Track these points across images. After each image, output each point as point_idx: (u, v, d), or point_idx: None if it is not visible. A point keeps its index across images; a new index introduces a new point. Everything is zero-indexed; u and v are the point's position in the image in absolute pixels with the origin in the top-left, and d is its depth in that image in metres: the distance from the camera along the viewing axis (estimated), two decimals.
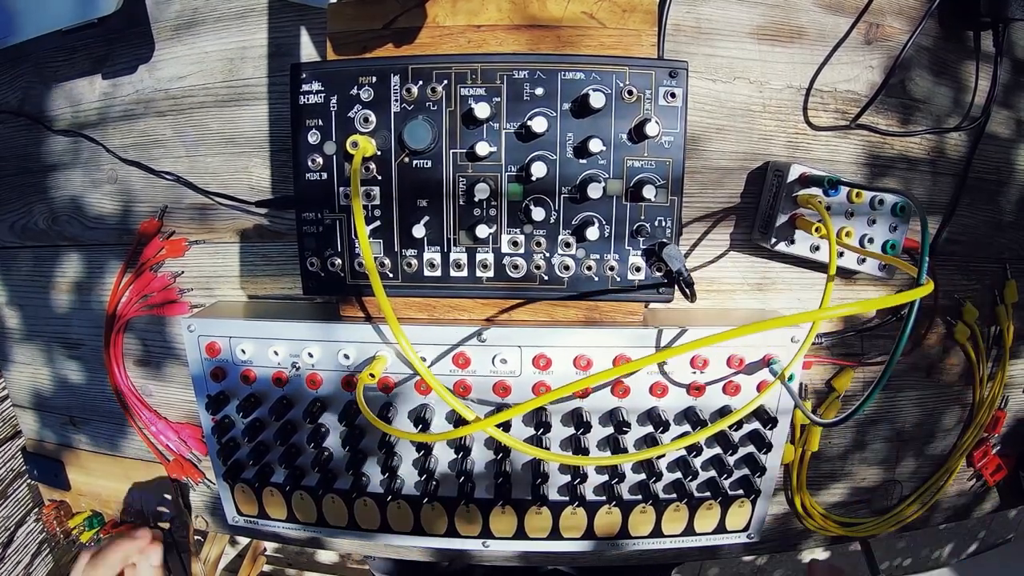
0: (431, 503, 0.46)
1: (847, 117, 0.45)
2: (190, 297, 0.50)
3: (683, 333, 0.41)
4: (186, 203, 0.49)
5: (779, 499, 0.51)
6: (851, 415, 0.33)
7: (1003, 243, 0.49)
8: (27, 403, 0.58)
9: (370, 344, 0.42)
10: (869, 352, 0.48)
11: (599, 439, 0.44)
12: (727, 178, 0.45)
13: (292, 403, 0.44)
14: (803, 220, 0.41)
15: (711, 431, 0.39)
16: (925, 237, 0.30)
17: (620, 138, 0.38)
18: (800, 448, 0.49)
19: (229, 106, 0.47)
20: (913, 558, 1.36)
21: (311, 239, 0.41)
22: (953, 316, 0.49)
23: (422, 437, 0.41)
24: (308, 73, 0.39)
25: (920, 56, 0.45)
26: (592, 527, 0.47)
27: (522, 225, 0.40)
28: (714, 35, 0.43)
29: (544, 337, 0.41)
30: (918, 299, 0.29)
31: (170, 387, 0.52)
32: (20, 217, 0.53)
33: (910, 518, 0.52)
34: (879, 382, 0.30)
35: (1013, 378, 0.51)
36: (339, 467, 0.45)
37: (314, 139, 0.39)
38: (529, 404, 0.35)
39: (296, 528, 0.49)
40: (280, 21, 0.45)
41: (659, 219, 0.40)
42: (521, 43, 0.39)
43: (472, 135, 0.39)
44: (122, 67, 0.48)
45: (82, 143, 0.49)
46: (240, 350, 0.43)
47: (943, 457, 0.52)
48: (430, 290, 0.42)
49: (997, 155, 0.47)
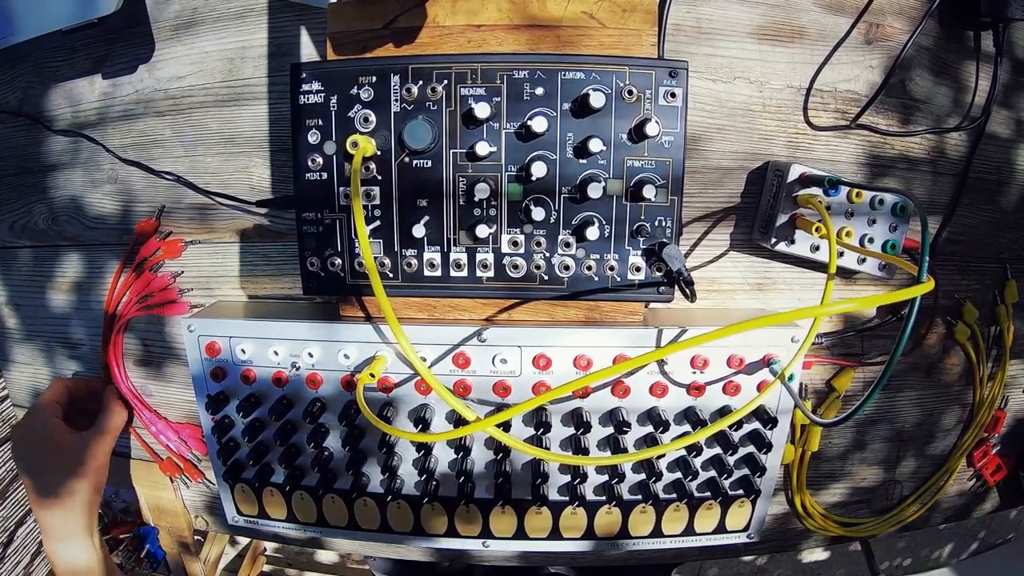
0: (431, 503, 0.46)
1: (847, 117, 0.45)
2: (190, 297, 0.50)
3: (683, 333, 0.41)
4: (186, 203, 0.49)
5: (779, 499, 0.51)
6: (851, 415, 0.33)
7: (1003, 243, 0.49)
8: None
9: (370, 344, 0.42)
10: (869, 352, 0.48)
11: (599, 439, 0.44)
12: (727, 178, 0.45)
13: (292, 403, 0.44)
14: (803, 220, 0.41)
15: (711, 431, 0.39)
16: (925, 235, 0.30)
17: (620, 138, 0.38)
18: (800, 448, 0.49)
19: (229, 106, 0.46)
20: (913, 558, 1.36)
21: (311, 239, 0.41)
22: (953, 316, 0.49)
23: (422, 437, 0.41)
24: (308, 73, 0.39)
25: (920, 56, 0.45)
26: (592, 527, 0.47)
27: (522, 225, 0.40)
28: (714, 35, 0.43)
29: (544, 337, 0.41)
30: (918, 297, 0.29)
31: (170, 387, 0.52)
32: (20, 217, 0.52)
33: (910, 518, 0.52)
34: (879, 382, 0.30)
35: (1013, 378, 0.51)
36: (339, 467, 0.45)
37: (314, 139, 0.39)
38: (529, 404, 0.35)
39: (296, 528, 0.49)
40: (280, 21, 0.45)
41: (659, 219, 0.40)
42: (521, 43, 0.39)
43: (472, 135, 0.39)
44: (122, 67, 0.48)
45: (82, 143, 0.49)
46: (240, 350, 0.43)
47: (943, 457, 0.52)
48: (430, 290, 0.42)
49: (997, 155, 0.47)
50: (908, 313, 0.29)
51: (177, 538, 0.58)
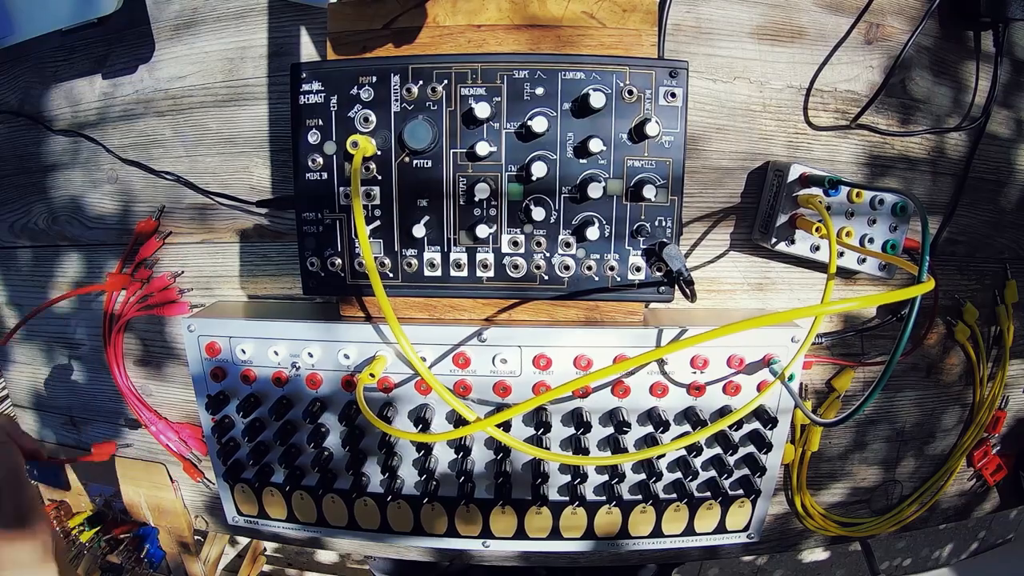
0: (431, 503, 0.46)
1: (847, 117, 0.45)
2: (190, 297, 0.50)
3: (683, 332, 0.41)
4: (186, 203, 0.49)
5: (779, 499, 0.51)
6: (851, 415, 0.33)
7: (1003, 243, 0.49)
8: (27, 403, 0.58)
9: (370, 344, 0.42)
10: (869, 352, 0.48)
11: (599, 439, 0.44)
12: (727, 178, 0.45)
13: (292, 403, 0.44)
14: (803, 220, 0.41)
15: (711, 431, 0.39)
16: (925, 235, 0.30)
17: (620, 138, 0.38)
18: (800, 448, 0.49)
19: (229, 106, 0.46)
20: (913, 558, 1.36)
21: (311, 239, 0.41)
22: (953, 316, 0.49)
23: (422, 437, 0.41)
24: (308, 73, 0.39)
25: (920, 56, 0.45)
26: (592, 527, 0.47)
27: (522, 225, 0.40)
28: (714, 35, 0.43)
29: (544, 337, 0.41)
30: (919, 296, 0.29)
31: (170, 387, 0.52)
32: (20, 217, 0.52)
33: (910, 518, 0.52)
34: (879, 382, 0.30)
35: (1013, 378, 0.51)
36: (339, 467, 0.45)
37: (314, 139, 0.39)
38: (528, 404, 0.35)
39: (296, 528, 0.49)
40: (280, 21, 0.45)
41: (659, 219, 0.40)
42: (521, 43, 0.39)
43: (472, 135, 0.39)
44: (122, 67, 0.48)
45: (82, 143, 0.49)
46: (240, 350, 0.43)
47: (943, 457, 0.52)
48: (430, 290, 0.41)
49: (997, 155, 0.47)
50: (908, 313, 0.29)
51: (177, 538, 0.58)
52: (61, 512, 0.59)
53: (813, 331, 0.37)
